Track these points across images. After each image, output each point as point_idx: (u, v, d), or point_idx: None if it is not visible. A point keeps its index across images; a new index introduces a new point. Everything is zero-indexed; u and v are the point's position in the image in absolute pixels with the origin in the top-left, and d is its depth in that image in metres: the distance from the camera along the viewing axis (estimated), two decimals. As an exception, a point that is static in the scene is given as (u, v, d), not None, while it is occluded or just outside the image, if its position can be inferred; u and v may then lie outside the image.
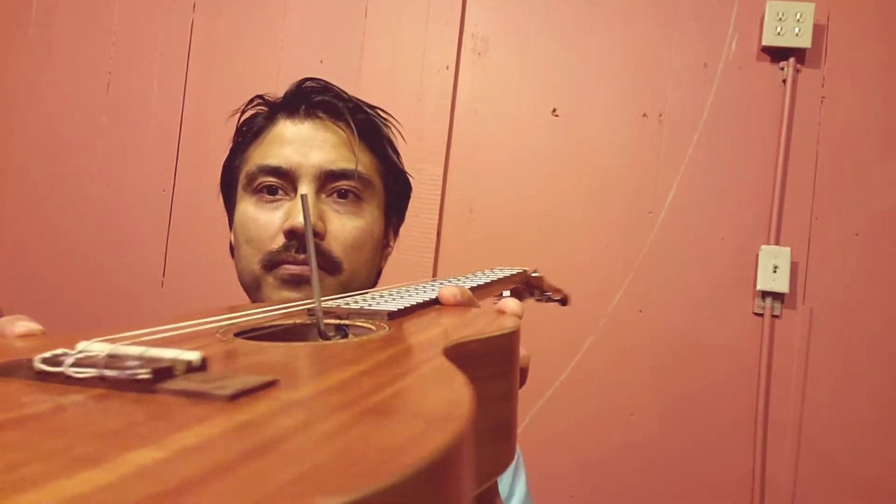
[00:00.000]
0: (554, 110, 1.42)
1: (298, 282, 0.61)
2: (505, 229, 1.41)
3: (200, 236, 1.46)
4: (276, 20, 1.48)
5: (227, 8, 1.50)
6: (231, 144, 0.71)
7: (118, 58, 1.52)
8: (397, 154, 0.72)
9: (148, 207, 1.49)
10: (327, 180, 0.63)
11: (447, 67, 1.43)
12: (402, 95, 1.42)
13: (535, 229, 1.40)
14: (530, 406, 1.34)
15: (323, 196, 0.63)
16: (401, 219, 0.75)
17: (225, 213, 0.74)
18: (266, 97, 0.70)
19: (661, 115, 1.39)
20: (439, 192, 1.41)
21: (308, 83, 0.68)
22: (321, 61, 1.47)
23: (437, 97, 1.43)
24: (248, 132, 0.69)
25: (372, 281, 0.69)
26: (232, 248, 0.71)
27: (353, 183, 0.64)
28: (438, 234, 1.41)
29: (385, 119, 0.71)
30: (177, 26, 1.51)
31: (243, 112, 0.71)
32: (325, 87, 0.67)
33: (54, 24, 1.54)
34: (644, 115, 1.39)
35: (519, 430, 0.72)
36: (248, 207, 0.64)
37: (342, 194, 0.64)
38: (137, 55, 1.52)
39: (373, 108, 0.70)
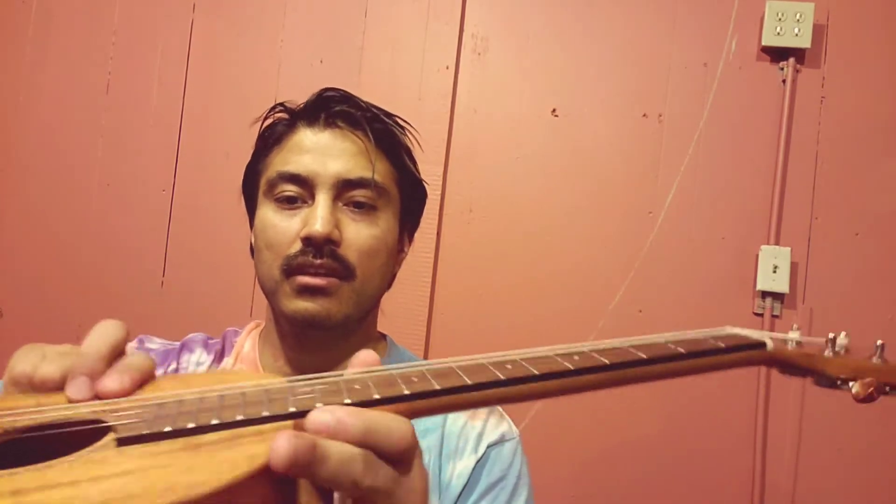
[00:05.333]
0: (554, 110, 1.42)
1: (314, 292, 0.63)
2: (505, 229, 1.41)
3: (200, 236, 1.46)
4: (276, 20, 1.48)
5: (227, 8, 1.50)
6: (254, 150, 0.73)
7: (118, 58, 1.52)
8: (413, 161, 0.73)
9: (148, 207, 1.49)
10: (344, 189, 0.65)
11: (447, 67, 1.43)
12: (402, 95, 1.42)
13: (535, 229, 1.40)
14: (530, 407, 1.34)
15: (340, 204, 0.65)
16: (415, 224, 0.77)
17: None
18: (287, 105, 0.71)
19: (661, 115, 1.39)
20: (439, 192, 1.41)
21: (328, 93, 0.69)
22: (321, 61, 1.47)
23: (437, 97, 1.43)
24: (270, 139, 0.70)
25: (385, 286, 0.71)
26: (253, 251, 0.72)
27: (369, 192, 0.65)
28: (438, 233, 1.41)
29: (403, 127, 0.73)
30: (177, 26, 1.51)
31: (265, 119, 0.73)
32: (345, 97, 0.69)
33: (54, 24, 1.54)
34: (644, 115, 1.39)
35: (519, 431, 0.72)
36: (267, 213, 0.66)
37: (358, 205, 0.65)
38: (137, 55, 1.52)
39: (390, 116, 0.71)
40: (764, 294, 1.32)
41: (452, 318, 1.41)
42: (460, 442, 0.67)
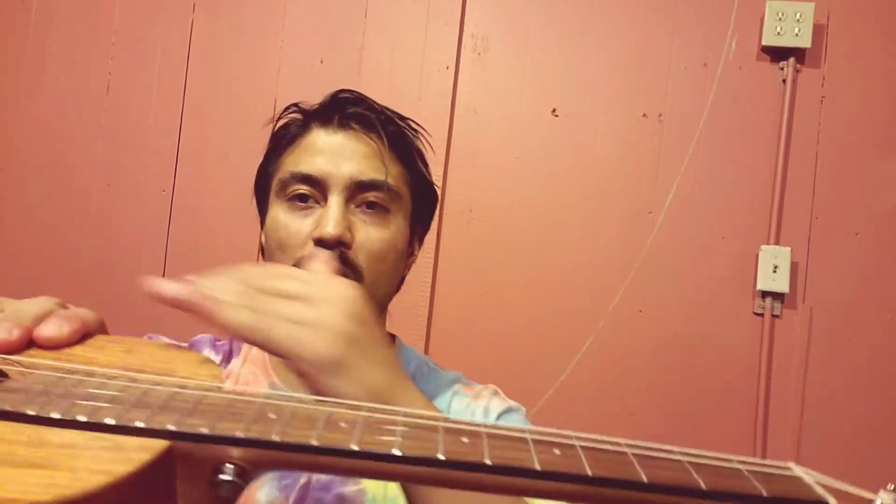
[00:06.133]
0: (554, 110, 1.42)
1: None
2: (505, 229, 1.41)
3: (200, 236, 1.46)
4: (276, 20, 1.48)
5: (227, 8, 1.50)
6: (266, 150, 0.73)
7: (118, 58, 1.52)
8: (426, 165, 0.73)
9: (148, 207, 1.49)
10: (357, 190, 0.64)
11: (447, 67, 1.43)
12: (402, 95, 1.42)
13: (535, 229, 1.40)
14: (531, 406, 1.34)
15: (352, 206, 0.65)
16: (426, 228, 0.77)
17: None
18: (301, 105, 0.71)
19: (661, 115, 1.39)
20: (439, 193, 1.40)
21: (343, 94, 0.69)
22: (321, 61, 1.47)
23: (437, 97, 1.43)
24: (283, 139, 0.70)
25: (394, 289, 0.70)
26: (262, 250, 0.72)
27: (381, 194, 0.65)
28: (438, 234, 1.41)
29: (415, 131, 0.73)
30: (177, 26, 1.51)
31: (279, 120, 0.72)
32: (359, 99, 0.69)
33: (54, 25, 1.54)
34: (644, 115, 1.39)
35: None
36: (279, 213, 0.66)
37: (370, 205, 0.65)
38: (137, 55, 1.52)
39: (403, 119, 0.71)
40: (764, 294, 1.32)
41: (452, 319, 1.41)
42: (466, 417, 0.67)
